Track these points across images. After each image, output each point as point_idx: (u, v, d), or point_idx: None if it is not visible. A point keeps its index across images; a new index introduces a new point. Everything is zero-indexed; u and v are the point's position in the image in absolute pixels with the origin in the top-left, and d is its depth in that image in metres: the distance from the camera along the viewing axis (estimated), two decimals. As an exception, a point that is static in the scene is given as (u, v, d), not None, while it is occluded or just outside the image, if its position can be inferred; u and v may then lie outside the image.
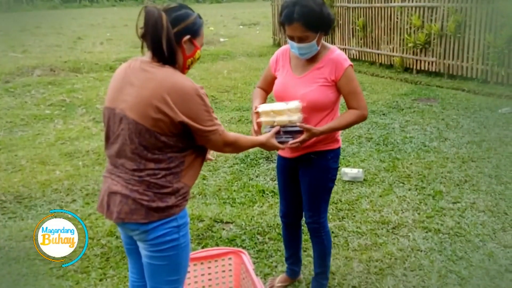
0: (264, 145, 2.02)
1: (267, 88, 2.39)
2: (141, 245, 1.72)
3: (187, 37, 1.67)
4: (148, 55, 1.67)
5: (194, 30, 1.70)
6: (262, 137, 2.02)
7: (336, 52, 2.15)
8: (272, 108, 2.06)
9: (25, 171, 4.52)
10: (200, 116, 1.63)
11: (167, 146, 1.62)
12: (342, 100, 2.23)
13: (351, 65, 2.14)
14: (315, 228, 2.40)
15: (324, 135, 2.17)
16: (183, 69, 1.74)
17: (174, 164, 1.65)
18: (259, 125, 2.14)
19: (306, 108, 2.08)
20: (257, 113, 2.13)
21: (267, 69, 2.36)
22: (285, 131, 2.07)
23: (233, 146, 1.80)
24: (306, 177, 2.30)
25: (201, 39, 1.75)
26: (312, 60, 2.15)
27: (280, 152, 2.37)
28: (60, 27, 20.60)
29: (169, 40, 1.60)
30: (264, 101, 2.37)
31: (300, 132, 2.08)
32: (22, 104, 7.29)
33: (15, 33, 18.26)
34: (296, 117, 2.04)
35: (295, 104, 2.04)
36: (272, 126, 2.08)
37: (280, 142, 2.07)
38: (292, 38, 2.06)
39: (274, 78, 2.30)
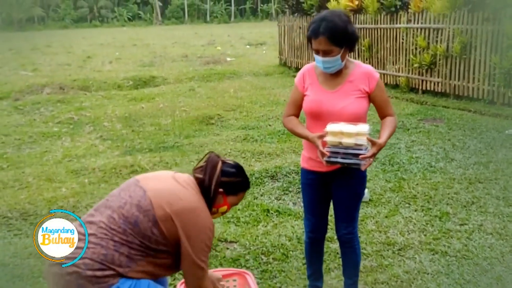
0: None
1: (298, 112, 2.38)
2: None
3: (221, 190, 1.91)
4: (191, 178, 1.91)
5: (231, 189, 1.95)
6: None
7: (365, 66, 2.30)
8: (342, 130, 2.08)
9: (32, 188, 4.55)
10: None
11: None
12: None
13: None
14: (349, 239, 2.42)
15: None
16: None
17: None
18: (324, 144, 2.14)
19: (346, 121, 2.14)
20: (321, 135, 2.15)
21: (294, 91, 2.37)
22: (347, 153, 2.09)
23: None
24: (344, 187, 2.34)
25: (235, 200, 1.98)
26: (340, 74, 2.25)
27: (312, 167, 2.36)
28: (70, 46, 20.97)
29: (215, 183, 1.87)
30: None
31: (358, 155, 2.08)
32: (31, 122, 7.38)
33: (26, 51, 18.64)
34: (363, 141, 2.07)
35: (365, 128, 2.10)
36: (337, 147, 2.10)
37: (331, 162, 2.12)
38: (317, 52, 2.16)
39: (303, 97, 2.31)
